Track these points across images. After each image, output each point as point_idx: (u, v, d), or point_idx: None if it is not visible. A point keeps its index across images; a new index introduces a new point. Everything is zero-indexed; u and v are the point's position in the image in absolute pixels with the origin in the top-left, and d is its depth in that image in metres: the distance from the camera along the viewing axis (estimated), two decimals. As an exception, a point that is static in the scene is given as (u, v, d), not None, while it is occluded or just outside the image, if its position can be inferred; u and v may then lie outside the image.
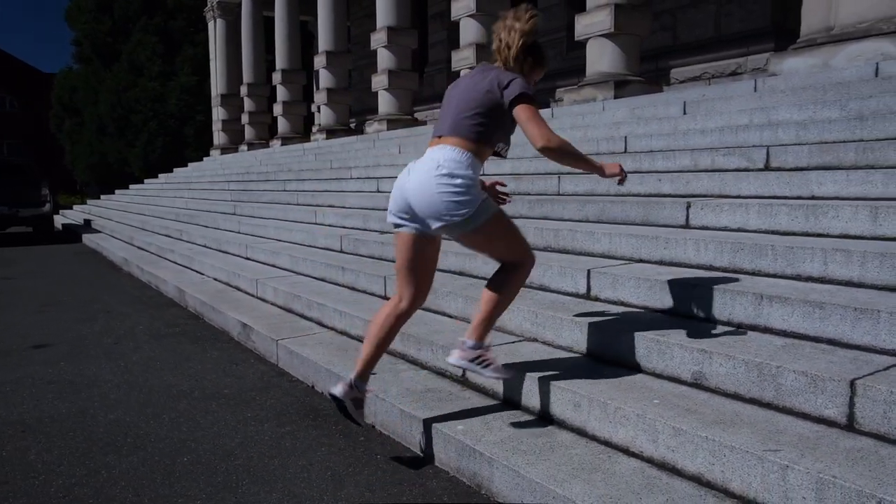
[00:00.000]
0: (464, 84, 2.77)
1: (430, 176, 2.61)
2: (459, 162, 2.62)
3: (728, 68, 10.11)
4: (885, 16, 5.47)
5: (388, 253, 5.63)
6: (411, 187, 2.67)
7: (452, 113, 2.71)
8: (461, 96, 2.72)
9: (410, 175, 2.71)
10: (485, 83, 2.66)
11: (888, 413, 2.12)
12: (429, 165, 2.64)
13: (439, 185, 2.59)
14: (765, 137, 4.83)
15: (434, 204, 2.60)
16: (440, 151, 2.66)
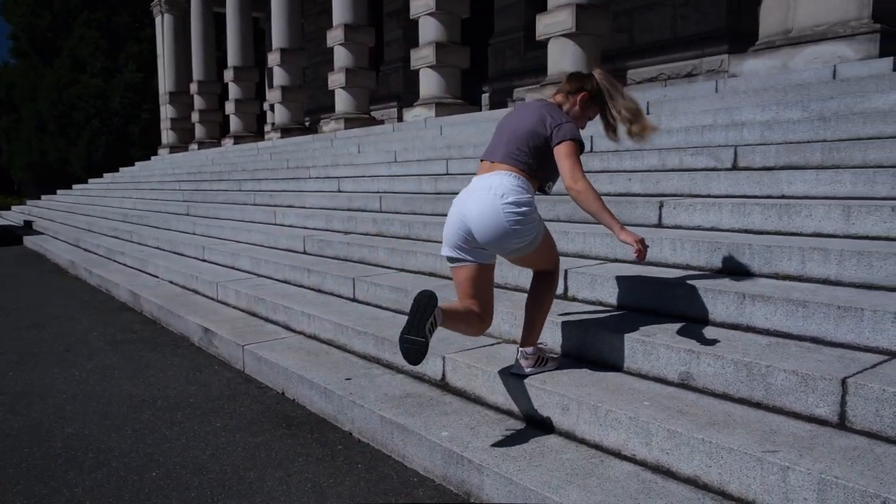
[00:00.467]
0: (520, 115, 2.83)
1: (494, 204, 2.59)
2: (520, 188, 2.65)
3: (684, 69, 10.28)
4: (840, 19, 5.61)
5: (353, 254, 5.52)
6: (474, 217, 2.63)
7: (506, 141, 2.75)
8: (517, 127, 2.76)
9: (469, 202, 2.67)
10: (537, 118, 2.74)
11: (880, 411, 2.13)
12: (491, 193, 2.61)
13: (506, 213, 2.59)
14: (730, 137, 4.90)
15: (500, 233, 2.61)
16: (498, 178, 2.66)
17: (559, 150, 2.66)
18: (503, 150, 2.73)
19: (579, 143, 2.71)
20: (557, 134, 2.68)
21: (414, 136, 9.17)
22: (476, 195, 2.66)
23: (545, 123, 2.70)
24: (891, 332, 2.45)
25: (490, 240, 2.64)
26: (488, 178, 2.68)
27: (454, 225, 2.72)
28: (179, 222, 9.30)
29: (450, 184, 6.44)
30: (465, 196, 2.72)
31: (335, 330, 4.15)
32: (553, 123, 2.70)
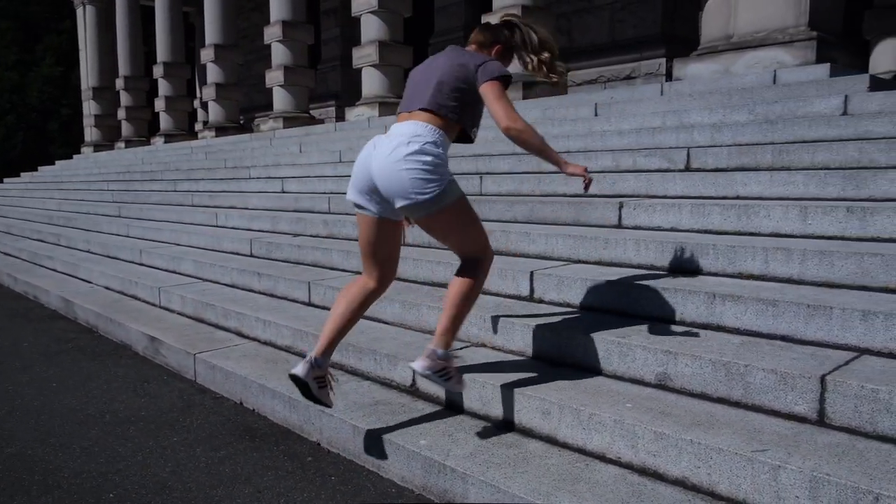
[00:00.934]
0: (436, 63, 2.68)
1: (397, 152, 2.46)
2: (430, 139, 2.51)
3: (623, 72, 10.50)
4: (779, 26, 5.82)
5: (305, 257, 5.36)
6: (377, 164, 2.50)
7: (423, 90, 2.60)
8: (433, 74, 2.61)
9: (376, 150, 2.54)
10: (460, 62, 2.60)
11: (859, 407, 2.19)
12: (397, 141, 2.49)
13: (408, 160, 2.44)
14: (681, 139, 5.00)
15: (401, 181, 2.45)
16: (410, 126, 2.53)
17: (488, 91, 2.53)
18: (421, 97, 2.58)
19: (508, 79, 2.59)
20: (483, 72, 2.54)
21: (358, 136, 9.01)
22: (383, 142, 2.53)
23: (467, 64, 2.57)
24: (859, 329, 2.53)
25: (388, 190, 2.48)
26: (401, 126, 2.56)
27: (358, 174, 2.59)
28: (111, 224, 8.86)
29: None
30: (371, 145, 2.59)
31: (294, 336, 4.01)
32: (476, 62, 2.57)
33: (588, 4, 10.81)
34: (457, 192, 2.58)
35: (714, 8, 6.27)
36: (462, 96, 2.57)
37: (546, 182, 5.12)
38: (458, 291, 2.65)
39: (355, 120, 10.18)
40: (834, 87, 4.91)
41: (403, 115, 2.64)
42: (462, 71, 2.57)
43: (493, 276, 3.87)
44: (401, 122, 2.60)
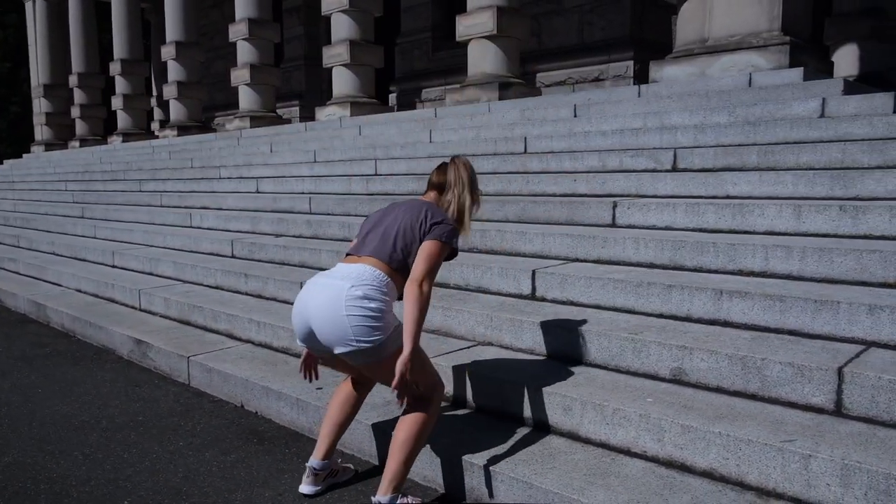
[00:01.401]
0: (395, 213, 2.54)
1: (339, 295, 2.28)
2: (376, 285, 2.34)
3: (591, 74, 10.66)
4: (753, 31, 5.99)
5: (292, 257, 5.30)
6: (314, 307, 2.32)
7: (378, 236, 2.46)
8: (389, 223, 2.48)
9: (313, 293, 2.37)
10: (420, 216, 2.45)
11: (876, 397, 2.28)
12: (339, 284, 2.32)
13: (349, 306, 2.26)
14: (665, 140, 5.11)
15: (341, 327, 2.26)
16: (355, 269, 2.38)
17: (427, 246, 2.38)
18: (372, 244, 2.44)
19: (450, 248, 2.46)
20: (434, 230, 2.40)
21: (331, 135, 8.94)
22: (323, 283, 2.38)
23: (424, 218, 2.43)
24: (866, 322, 2.63)
25: (329, 336, 2.29)
26: (344, 268, 2.41)
27: (297, 320, 2.41)
28: (76, 226, 8.59)
29: (383, 185, 6.33)
30: (311, 284, 2.43)
31: (292, 337, 3.96)
32: (433, 220, 2.43)
33: (557, 7, 10.94)
34: (396, 345, 2.30)
35: (689, 12, 6.42)
36: (412, 252, 2.41)
37: (534, 182, 5.17)
38: (410, 431, 2.37)
39: (326, 120, 10.09)
40: (810, 90, 5.09)
41: (353, 257, 2.47)
42: (416, 225, 2.42)
43: (494, 274, 3.90)
44: (345, 263, 2.46)
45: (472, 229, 4.24)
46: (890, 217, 3.24)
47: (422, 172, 6.40)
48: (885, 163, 3.83)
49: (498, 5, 8.03)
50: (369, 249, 2.44)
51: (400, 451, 2.35)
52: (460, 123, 7.46)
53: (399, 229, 2.44)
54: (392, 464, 2.35)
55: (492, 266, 3.93)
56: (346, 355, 2.32)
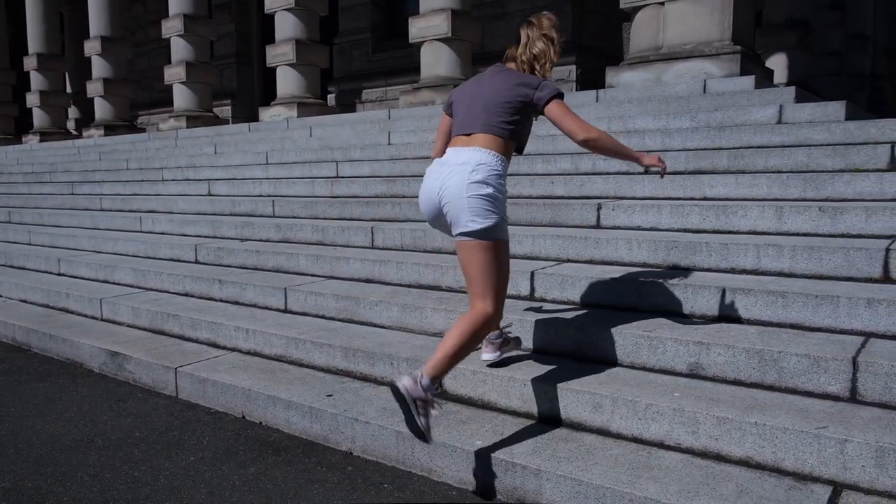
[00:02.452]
0: (490, 84, 2.72)
1: (462, 180, 2.56)
2: (492, 168, 2.61)
3: (534, 78, 10.87)
4: (705, 40, 6.30)
5: (265, 262, 5.18)
6: (445, 194, 2.61)
7: (479, 112, 2.67)
8: (489, 95, 2.68)
9: (441, 179, 2.63)
10: (514, 84, 2.66)
11: (889, 384, 2.47)
12: (462, 169, 2.58)
13: (471, 189, 2.55)
14: (633, 143, 5.27)
15: (464, 207, 2.55)
16: (472, 154, 2.61)
17: (555, 110, 2.62)
18: (480, 120, 2.65)
19: (562, 95, 2.68)
20: (543, 93, 2.62)
21: (280, 136, 8.77)
22: (448, 170, 2.61)
23: (525, 84, 2.64)
24: (864, 315, 2.84)
25: (453, 216, 2.59)
26: (462, 153, 2.62)
27: (428, 203, 2.70)
28: (6, 231, 8.07)
29: (349, 187, 6.27)
30: (436, 172, 2.67)
31: (286, 344, 3.88)
32: (533, 83, 2.64)
33: (500, 11, 11.11)
34: (505, 233, 2.67)
35: (644, 21, 6.68)
36: (521, 117, 2.68)
37: (510, 184, 5.23)
38: (463, 331, 2.55)
39: (271, 120, 9.88)
40: (764, 97, 5.40)
41: (461, 138, 2.68)
42: (521, 91, 2.64)
43: (489, 277, 3.94)
44: (459, 146, 2.66)
45: None
46: (866, 217, 3.50)
47: (387, 175, 6.40)
48: (847, 166, 4.13)
49: (452, 8, 8.11)
50: (479, 125, 2.63)
51: (451, 346, 2.52)
52: (418, 125, 7.47)
53: (503, 98, 2.62)
54: (441, 353, 2.52)
55: (487, 268, 3.97)
56: (459, 234, 2.59)
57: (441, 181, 2.62)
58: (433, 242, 4.68)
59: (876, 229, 3.46)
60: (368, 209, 5.59)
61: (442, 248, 4.63)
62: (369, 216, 5.57)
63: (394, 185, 5.93)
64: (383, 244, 4.96)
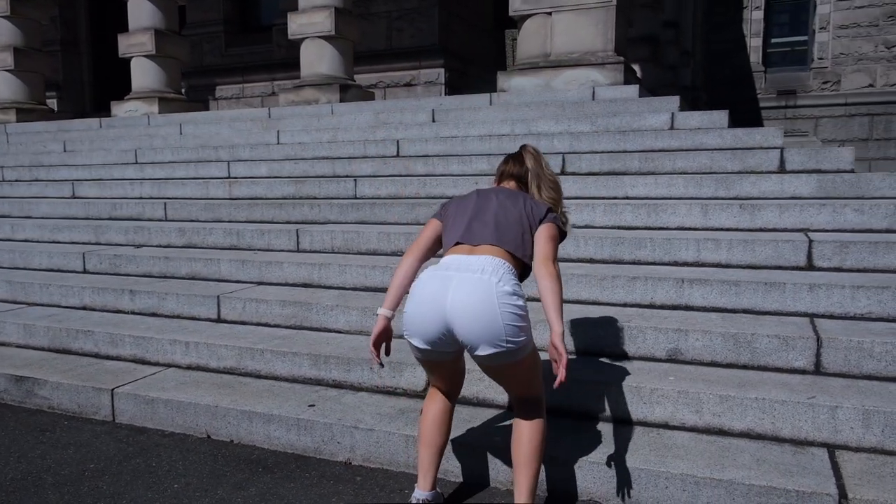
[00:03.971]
0: (504, 202, 2.41)
1: (490, 291, 2.15)
2: (516, 280, 2.26)
3: (403, 79, 10.97)
4: (591, 49, 6.76)
5: (177, 269, 4.79)
6: (462, 304, 2.15)
7: (492, 225, 2.33)
8: (502, 211, 2.37)
9: (454, 288, 2.18)
10: (526, 206, 2.41)
11: (848, 357, 2.87)
12: (484, 278, 2.17)
13: (503, 302, 2.14)
14: (543, 145, 5.53)
15: (494, 327, 2.13)
16: (488, 261, 2.22)
17: (546, 230, 2.35)
18: (490, 233, 2.31)
19: (563, 233, 2.49)
20: (549, 216, 2.40)
21: (143, 133, 8.07)
22: (462, 277, 2.19)
23: (534, 206, 2.41)
24: (807, 299, 3.26)
25: (478, 335, 2.15)
26: (477, 260, 2.23)
27: (428, 317, 2.21)
28: None
29: (251, 188, 5.95)
30: (441, 278, 2.22)
31: (239, 356, 3.64)
32: (544, 208, 2.43)
33: (365, 11, 11.04)
34: (532, 340, 2.32)
35: (532, 29, 7.01)
36: (529, 243, 2.35)
37: (432, 185, 5.30)
38: (536, 441, 2.32)
39: (127, 116, 9.05)
40: (652, 105, 5.91)
41: (466, 246, 2.31)
42: (531, 215, 2.38)
43: (445, 276, 3.97)
44: (467, 254, 2.28)
45: (399, 233, 4.32)
46: (779, 213, 4.00)
47: (288, 175, 6.17)
48: (745, 168, 4.66)
49: (335, 6, 7.96)
50: (489, 238, 2.29)
51: (532, 463, 2.28)
52: (306, 125, 7.26)
53: (516, 218, 2.35)
54: (527, 479, 2.27)
55: (442, 268, 4.00)
56: (489, 357, 2.18)
57: (449, 296, 2.17)
58: (368, 244, 4.60)
59: (789, 223, 3.97)
60: (282, 211, 5.35)
61: (378, 249, 4.58)
62: (283, 218, 5.33)
63: (303, 187, 5.73)
64: (311, 247, 4.79)
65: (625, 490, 2.49)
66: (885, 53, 15.01)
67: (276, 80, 11.79)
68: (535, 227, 2.36)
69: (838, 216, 3.89)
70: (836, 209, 3.90)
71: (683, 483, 2.41)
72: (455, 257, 2.29)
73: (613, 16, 6.65)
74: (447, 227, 2.44)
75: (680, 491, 2.42)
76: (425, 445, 2.45)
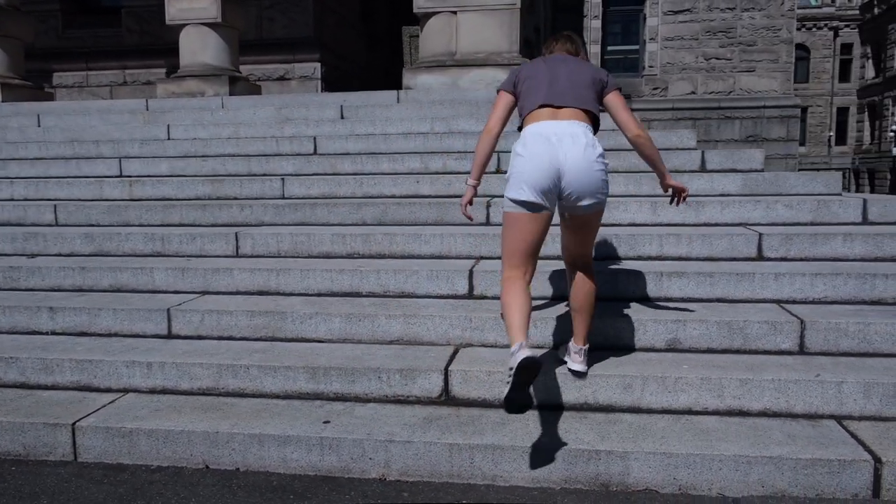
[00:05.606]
0: (573, 67, 2.85)
1: (589, 153, 2.65)
2: (597, 140, 2.75)
3: (276, 73, 10.48)
4: (496, 50, 6.92)
5: (98, 282, 4.25)
6: (573, 162, 2.62)
7: (568, 89, 2.76)
8: (572, 75, 2.80)
9: (564, 148, 2.62)
10: (590, 69, 2.86)
11: (827, 337, 3.22)
12: (581, 141, 2.64)
13: (597, 161, 2.68)
14: (469, 144, 5.62)
15: (594, 182, 2.67)
16: (579, 126, 2.69)
17: (616, 99, 2.83)
18: (571, 95, 2.74)
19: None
20: (611, 81, 2.85)
21: (-9, 125, 7.03)
22: (571, 142, 2.63)
23: (599, 73, 2.84)
24: (773, 286, 3.60)
25: (580, 188, 2.65)
26: (568, 125, 2.68)
27: (545, 170, 2.62)
28: None
29: (157, 188, 5.40)
30: (553, 140, 2.63)
31: (217, 374, 3.30)
32: (604, 72, 2.87)
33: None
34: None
35: (437, 26, 7.03)
36: (598, 103, 2.85)
37: (369, 184, 5.15)
38: (593, 293, 2.98)
39: (-41, 104, 7.80)
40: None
41: (548, 110, 2.73)
42: (598, 79, 2.83)
43: (421, 278, 3.91)
44: (551, 119, 2.70)
45: (353, 234, 4.23)
46: (721, 209, 4.37)
47: (194, 174, 5.71)
48: (672, 167, 4.97)
49: (215, -8, 7.43)
50: (570, 101, 2.72)
51: (590, 309, 2.97)
52: (197, 119, 6.73)
53: (588, 80, 2.77)
54: (585, 322, 2.96)
55: (417, 270, 3.91)
56: (590, 206, 2.72)
57: (561, 154, 2.61)
58: (321, 247, 4.37)
59: (730, 218, 4.35)
60: (207, 213, 4.91)
61: (332, 252, 4.37)
62: (210, 221, 4.90)
63: (221, 186, 5.30)
64: (253, 251, 4.45)
65: (679, 475, 2.61)
66: (704, 64, 16.84)
67: (128, 69, 10.77)
68: (602, 87, 2.83)
69: (771, 211, 4.33)
70: (769, 205, 4.34)
71: (736, 464, 2.58)
72: (547, 124, 2.70)
73: (518, 17, 6.88)
74: (525, 92, 2.83)
75: (733, 471, 2.58)
76: (516, 308, 2.65)
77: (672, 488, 2.63)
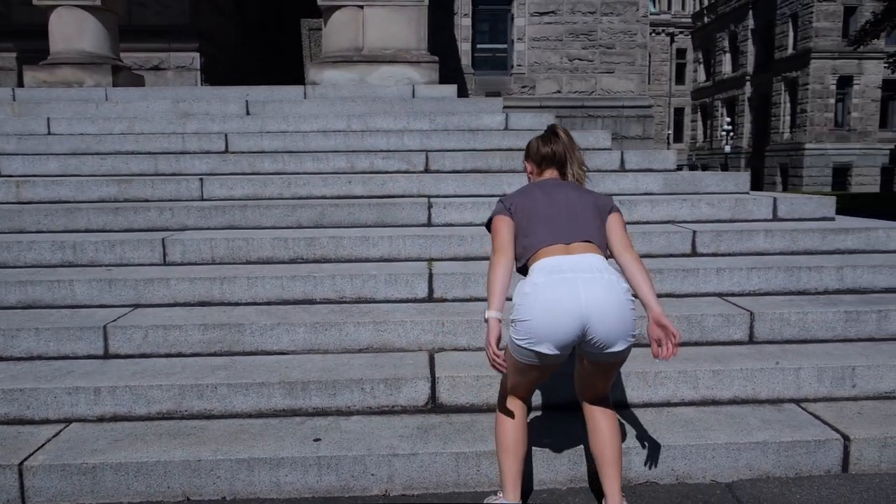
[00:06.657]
0: (574, 196, 2.46)
1: (614, 290, 2.24)
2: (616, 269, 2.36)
3: (150, 62, 9.71)
4: (405, 47, 6.85)
5: (3, 298, 3.72)
6: (597, 307, 2.20)
7: (576, 221, 2.38)
8: (575, 205, 2.42)
9: (585, 291, 2.20)
10: (591, 196, 2.50)
11: (773, 327, 3.51)
12: (608, 277, 2.25)
13: (625, 299, 2.26)
14: (392, 143, 5.57)
15: (625, 324, 2.25)
16: (596, 259, 2.31)
17: (618, 220, 2.47)
18: (579, 230, 2.37)
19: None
20: (615, 206, 2.51)
21: None
22: (585, 278, 2.23)
23: (599, 197, 2.51)
24: (714, 281, 3.87)
25: (614, 332, 2.24)
26: (584, 259, 2.29)
27: (566, 323, 2.20)
28: None
29: (51, 190, 4.82)
30: (563, 282, 2.22)
31: (180, 395, 3.02)
32: (603, 197, 2.55)
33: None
34: None
35: (343, 21, 6.84)
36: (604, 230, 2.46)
37: (298, 184, 4.92)
38: (619, 438, 2.48)
39: None
40: (479, 105, 6.28)
41: (559, 246, 2.33)
42: (601, 202, 2.49)
43: (379, 282, 3.83)
44: (566, 254, 2.31)
45: (295, 238, 4.07)
46: (651, 208, 4.63)
47: (90, 174, 5.23)
48: (594, 167, 5.24)
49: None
50: (580, 235, 2.35)
51: (621, 458, 2.45)
52: (79, 112, 6.12)
53: (592, 212, 2.41)
54: (617, 474, 2.41)
55: (375, 275, 3.80)
56: (621, 352, 2.31)
57: (584, 298, 2.20)
58: (261, 252, 4.13)
59: (659, 216, 4.62)
60: (121, 217, 4.46)
61: (273, 257, 4.14)
62: (124, 226, 4.46)
63: (129, 187, 4.83)
64: (184, 259, 4.11)
65: (677, 466, 2.74)
66: (568, 65, 17.70)
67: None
68: (605, 217, 2.45)
69: (696, 209, 4.65)
70: (693, 203, 4.65)
71: (727, 451, 2.75)
72: (560, 259, 2.30)
73: (426, 14, 6.86)
74: (523, 228, 2.41)
75: (724, 459, 2.75)
76: (513, 455, 2.43)
77: (670, 479, 2.76)
